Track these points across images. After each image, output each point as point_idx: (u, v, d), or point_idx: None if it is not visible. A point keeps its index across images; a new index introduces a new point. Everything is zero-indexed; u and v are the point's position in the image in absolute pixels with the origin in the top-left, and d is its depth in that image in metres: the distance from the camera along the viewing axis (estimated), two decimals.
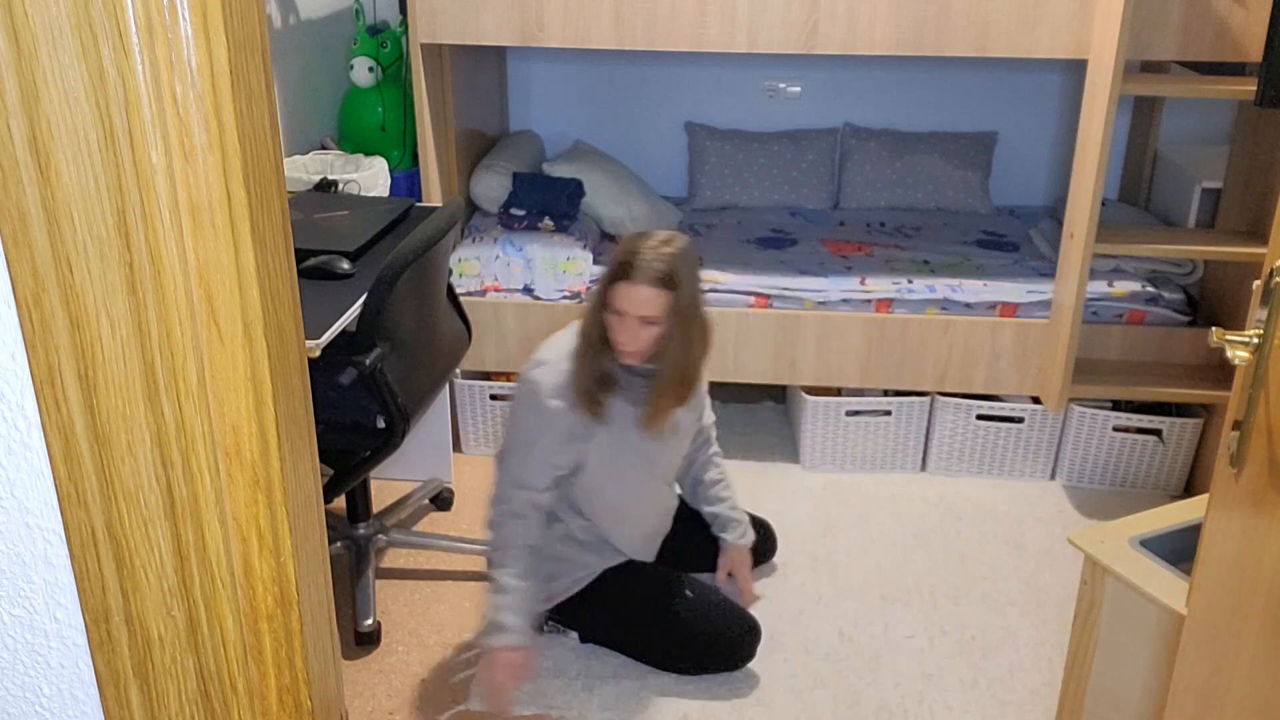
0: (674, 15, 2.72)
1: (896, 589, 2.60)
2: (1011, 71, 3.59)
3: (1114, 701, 1.78)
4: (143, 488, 0.98)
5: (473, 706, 2.23)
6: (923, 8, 2.65)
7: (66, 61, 0.85)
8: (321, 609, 1.14)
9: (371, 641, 2.41)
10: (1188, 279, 3.02)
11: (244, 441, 0.98)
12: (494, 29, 2.78)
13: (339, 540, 2.59)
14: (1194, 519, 1.81)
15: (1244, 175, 2.88)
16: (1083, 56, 2.66)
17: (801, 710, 2.22)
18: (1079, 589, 1.80)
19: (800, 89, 3.67)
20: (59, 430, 0.96)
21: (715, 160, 3.61)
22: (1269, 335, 1.22)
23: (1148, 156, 3.47)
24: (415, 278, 2.21)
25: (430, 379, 2.40)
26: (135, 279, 0.91)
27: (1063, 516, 2.92)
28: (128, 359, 0.93)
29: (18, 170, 0.88)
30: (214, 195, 0.90)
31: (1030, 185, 3.73)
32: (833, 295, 2.98)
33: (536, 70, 3.73)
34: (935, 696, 2.27)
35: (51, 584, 1.04)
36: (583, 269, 3.03)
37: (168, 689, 1.06)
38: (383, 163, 3.01)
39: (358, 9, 3.24)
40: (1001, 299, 2.95)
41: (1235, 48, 2.58)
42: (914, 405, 3.04)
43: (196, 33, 0.85)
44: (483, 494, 3.00)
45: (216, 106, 0.88)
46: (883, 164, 3.58)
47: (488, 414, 3.15)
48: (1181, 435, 2.96)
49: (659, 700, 2.25)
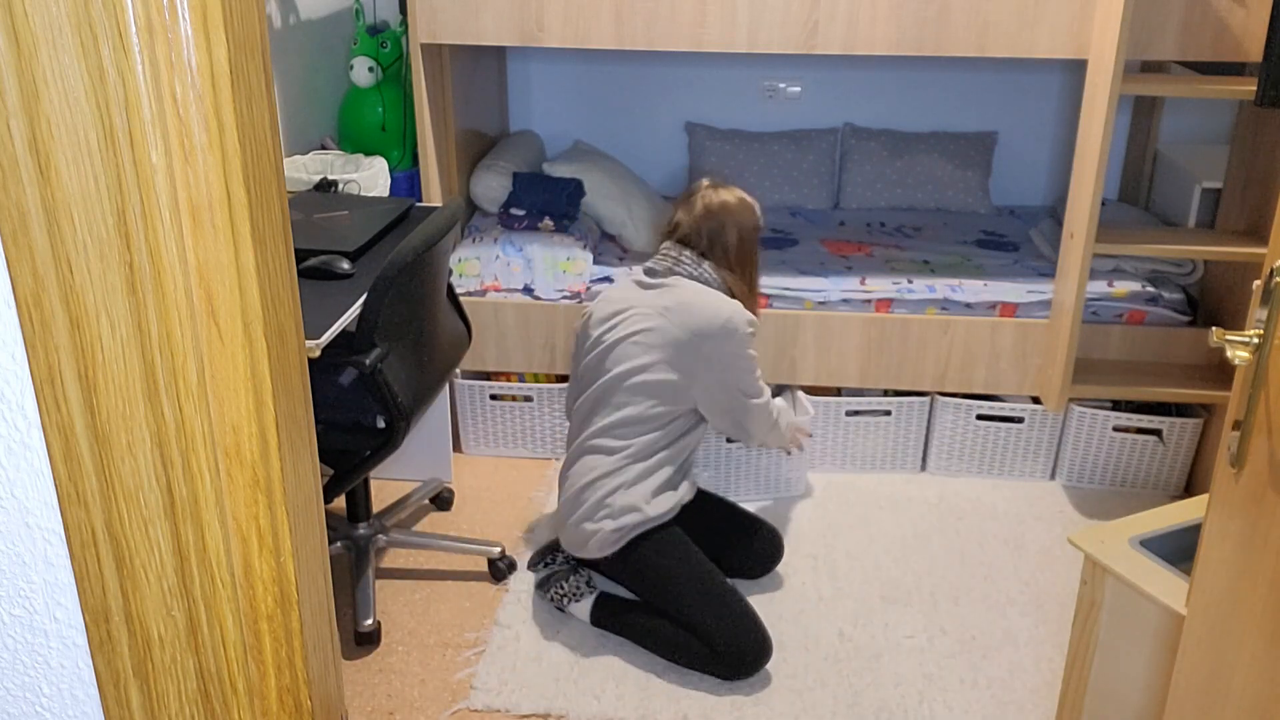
0: (674, 15, 2.72)
1: (896, 589, 2.61)
2: (1011, 71, 3.59)
3: (1114, 701, 1.78)
4: (143, 488, 0.98)
5: (473, 706, 2.23)
6: (923, 8, 2.65)
7: (66, 61, 0.85)
8: (321, 609, 1.14)
9: (371, 641, 2.41)
10: (1188, 279, 3.02)
11: (244, 441, 0.98)
12: (494, 29, 2.78)
13: (339, 540, 2.59)
14: (1194, 519, 1.81)
15: (1244, 175, 2.88)
16: (1083, 56, 2.66)
17: (801, 710, 2.22)
18: (1079, 589, 1.80)
19: (800, 89, 3.67)
20: (59, 430, 0.96)
21: (715, 160, 3.61)
22: (1269, 335, 1.22)
23: (1148, 156, 3.47)
24: (415, 278, 2.21)
25: (430, 379, 2.40)
26: (135, 279, 0.91)
27: (1063, 516, 2.92)
28: (128, 359, 0.93)
29: (18, 170, 0.88)
30: (214, 195, 0.90)
31: (1030, 185, 3.73)
32: (833, 295, 2.98)
33: (536, 70, 3.73)
34: (935, 696, 2.27)
35: (51, 584, 1.04)
36: (583, 269, 3.03)
37: (168, 689, 1.06)
38: (383, 163, 3.01)
39: (358, 9, 3.24)
40: (1001, 299, 2.95)
41: (1235, 48, 2.58)
42: (914, 405, 3.04)
43: (196, 33, 0.85)
44: (482, 494, 3.01)
45: (216, 106, 0.88)
46: (883, 164, 3.58)
47: (488, 414, 3.15)
48: (1181, 435, 2.96)
49: (659, 700, 2.25)
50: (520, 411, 3.14)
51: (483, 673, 2.31)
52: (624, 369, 2.37)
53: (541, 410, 3.12)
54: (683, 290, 2.39)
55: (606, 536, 2.35)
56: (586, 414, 2.44)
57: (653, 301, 2.40)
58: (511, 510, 2.93)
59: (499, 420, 3.15)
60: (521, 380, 3.16)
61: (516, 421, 3.15)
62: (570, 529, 2.42)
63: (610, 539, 2.35)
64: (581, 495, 2.39)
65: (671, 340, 2.35)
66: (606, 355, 2.41)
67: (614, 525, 2.34)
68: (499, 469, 3.13)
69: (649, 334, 2.36)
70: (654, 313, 2.38)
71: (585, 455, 2.41)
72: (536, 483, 3.05)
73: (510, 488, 3.04)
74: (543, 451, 3.17)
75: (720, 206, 2.45)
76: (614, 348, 2.40)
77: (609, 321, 2.44)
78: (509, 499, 2.98)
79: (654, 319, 2.37)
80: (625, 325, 2.40)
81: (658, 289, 2.42)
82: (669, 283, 2.42)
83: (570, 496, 2.42)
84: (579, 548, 2.41)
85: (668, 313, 2.36)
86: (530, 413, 3.13)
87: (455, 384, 3.12)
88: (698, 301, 2.36)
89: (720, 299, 2.39)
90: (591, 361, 2.44)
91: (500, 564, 2.61)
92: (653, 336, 2.36)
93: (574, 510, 2.40)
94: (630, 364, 2.37)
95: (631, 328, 2.39)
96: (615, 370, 2.38)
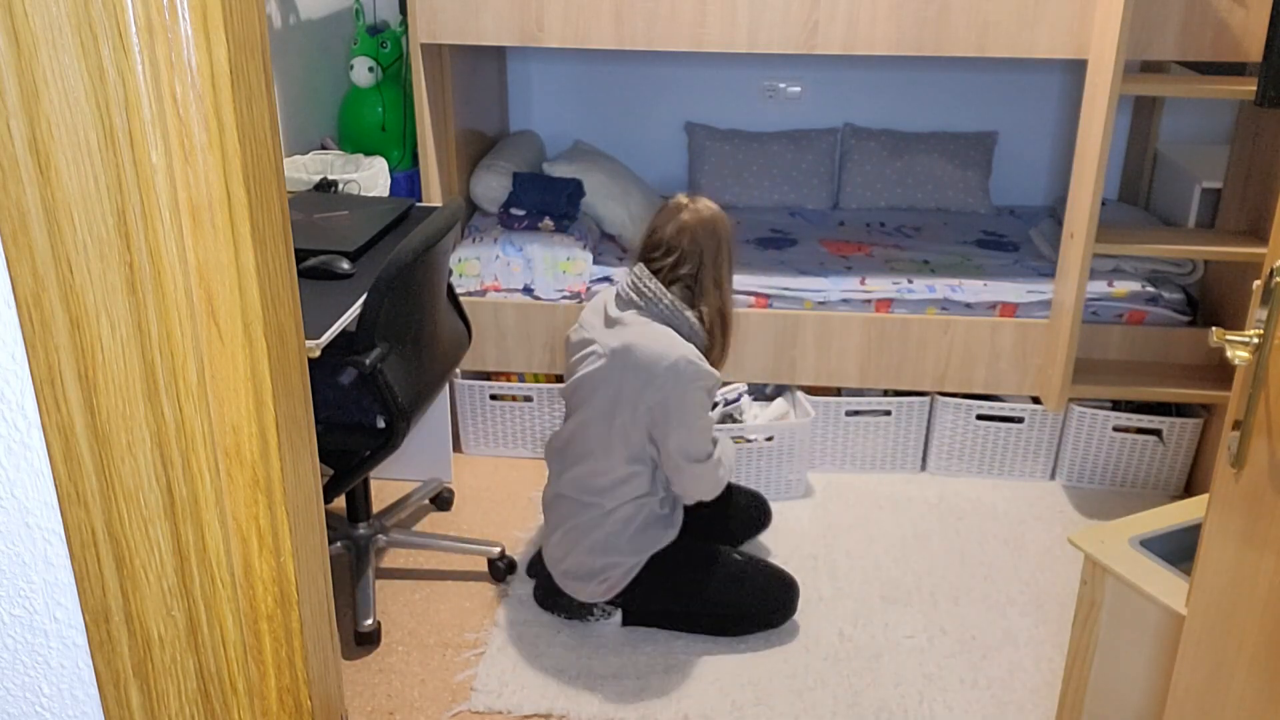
0: (674, 15, 2.72)
1: (896, 589, 2.61)
2: (1011, 71, 3.59)
3: (1114, 701, 1.78)
4: (143, 488, 0.98)
5: (474, 707, 2.23)
6: (923, 8, 2.65)
7: (66, 61, 0.85)
8: (321, 609, 1.14)
9: (371, 641, 2.41)
10: (1188, 279, 3.02)
11: (244, 441, 0.98)
12: (494, 29, 2.78)
13: (339, 540, 2.59)
14: (1194, 519, 1.81)
15: (1244, 175, 2.88)
16: (1083, 56, 2.66)
17: (802, 710, 2.22)
18: (1079, 589, 1.80)
19: (800, 89, 3.67)
20: (59, 430, 0.96)
21: (715, 160, 3.61)
22: (1269, 335, 1.22)
23: (1148, 156, 3.47)
24: (415, 278, 2.21)
25: (430, 379, 2.40)
26: (135, 279, 0.91)
27: (1063, 516, 2.92)
28: (128, 359, 0.93)
29: (18, 170, 0.88)
30: (214, 195, 0.90)
31: (1030, 185, 3.73)
32: (832, 295, 2.98)
33: (536, 70, 3.73)
34: (935, 696, 2.27)
35: (51, 584, 1.04)
36: (583, 269, 3.03)
37: (168, 689, 1.06)
38: (383, 163, 3.01)
39: (358, 9, 3.24)
40: (1001, 299, 2.95)
41: (1235, 48, 2.58)
42: (914, 405, 3.04)
43: (196, 33, 0.85)
44: (482, 494, 3.01)
45: (216, 106, 0.88)
46: (883, 164, 3.58)
47: (488, 414, 3.15)
48: (1181, 435, 2.96)
49: (659, 700, 2.25)
50: (520, 411, 3.14)
51: (483, 674, 2.31)
52: (588, 417, 2.30)
53: (541, 410, 3.12)
54: (632, 329, 2.26)
55: (615, 582, 2.37)
56: (563, 445, 2.39)
57: (607, 341, 2.29)
58: (511, 510, 2.93)
59: (499, 420, 3.15)
60: (521, 380, 3.16)
61: (516, 421, 3.15)
62: (566, 577, 2.40)
63: (618, 582, 2.37)
64: (569, 539, 2.37)
65: (618, 384, 2.25)
66: (576, 389, 2.35)
67: (622, 570, 2.36)
68: (499, 469, 3.13)
69: (602, 378, 2.27)
70: (607, 354, 2.27)
71: (565, 499, 2.38)
72: (536, 483, 3.05)
73: (510, 488, 3.04)
74: (542, 451, 3.17)
75: (695, 221, 2.30)
76: (580, 385, 2.33)
77: (581, 351, 2.36)
78: (509, 499, 2.98)
79: (604, 360, 2.27)
80: (587, 363, 2.32)
81: (614, 326, 2.30)
82: (624, 318, 2.29)
83: (559, 539, 2.39)
84: (579, 592, 2.40)
85: (616, 355, 2.25)
86: (530, 413, 3.13)
87: (455, 384, 3.12)
88: (643, 342, 2.23)
89: (671, 340, 2.24)
90: (571, 386, 2.38)
91: (500, 564, 2.61)
92: (605, 381, 2.26)
93: (565, 554, 2.38)
94: (590, 412, 2.29)
95: (590, 367, 2.30)
96: (582, 416, 2.32)
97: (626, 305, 2.31)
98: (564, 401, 2.45)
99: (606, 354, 2.26)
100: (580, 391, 2.33)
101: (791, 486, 2.99)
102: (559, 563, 2.41)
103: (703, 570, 2.41)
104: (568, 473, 2.37)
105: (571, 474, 2.36)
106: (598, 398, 2.28)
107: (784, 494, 2.98)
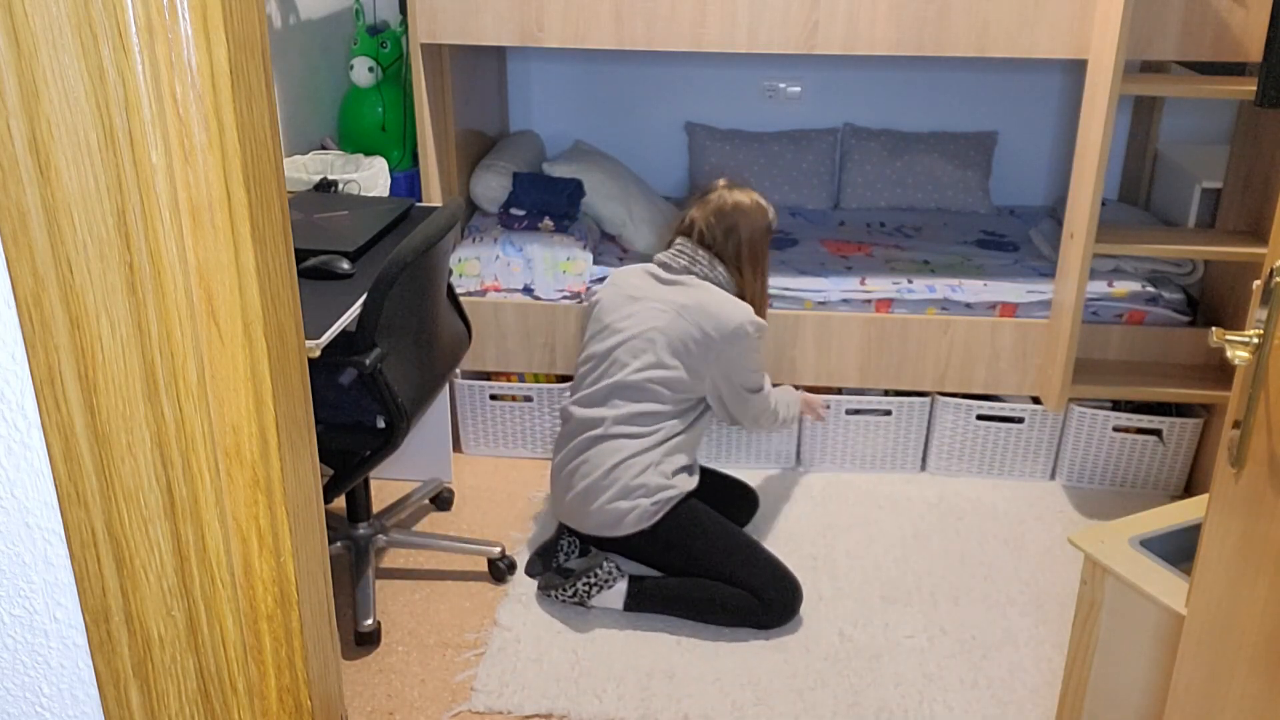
0: (674, 15, 2.72)
1: (896, 589, 2.61)
2: (1011, 71, 3.59)
3: (1114, 701, 1.78)
4: (143, 488, 0.98)
5: (474, 708, 2.23)
6: (923, 8, 2.65)
7: (66, 61, 0.85)
8: (321, 609, 1.14)
9: (371, 641, 2.41)
10: (1188, 279, 3.02)
11: (244, 441, 0.98)
12: (494, 29, 2.78)
13: (339, 540, 2.59)
14: (1194, 519, 1.81)
15: (1244, 175, 2.88)
16: (1083, 56, 2.66)
17: (802, 710, 2.22)
18: (1079, 589, 1.80)
19: (800, 89, 3.67)
20: (59, 430, 0.96)
21: (715, 160, 3.61)
22: (1269, 335, 1.22)
23: (1148, 156, 3.47)
24: (415, 278, 2.21)
25: (430, 379, 2.40)
26: (135, 279, 0.91)
27: (1063, 516, 2.92)
28: (128, 359, 0.93)
29: (18, 170, 0.88)
30: (214, 195, 0.90)
31: (1030, 185, 3.73)
32: (833, 295, 2.98)
33: (536, 70, 3.73)
34: (935, 696, 2.27)
35: (51, 584, 1.04)
36: (583, 269, 3.03)
37: (168, 689, 1.06)
38: (383, 163, 3.01)
39: (358, 9, 3.24)
40: (1001, 299, 2.95)
41: (1235, 48, 2.58)
42: (914, 405, 3.04)
43: (196, 33, 0.85)
44: (482, 494, 3.01)
45: (216, 106, 0.88)
46: (883, 164, 3.58)
47: (488, 414, 3.15)
48: (1181, 435, 2.96)
49: (659, 699, 2.25)
50: (520, 411, 3.14)
51: (483, 674, 2.31)
52: (642, 364, 2.46)
53: (541, 410, 3.12)
54: (699, 291, 2.48)
55: (645, 511, 2.44)
56: (604, 398, 2.50)
57: (669, 297, 2.49)
58: (511, 510, 2.93)
59: (499, 420, 3.15)
60: (521, 380, 3.16)
61: (516, 421, 3.15)
62: (599, 511, 2.46)
63: (649, 513, 2.44)
64: (610, 476, 2.45)
65: (686, 338, 2.45)
66: (623, 345, 2.49)
67: (651, 501, 2.44)
68: (499, 469, 3.13)
69: (664, 330, 2.46)
70: (670, 310, 2.47)
71: (609, 440, 2.48)
72: (536, 483, 3.05)
73: (510, 488, 3.04)
74: (543, 451, 3.17)
75: (734, 207, 2.54)
76: (631, 340, 2.48)
77: (625, 309, 2.52)
78: (509, 499, 2.98)
79: (669, 315, 2.46)
80: (641, 319, 2.48)
81: (673, 285, 2.51)
82: (685, 281, 2.50)
83: (595, 480, 2.46)
84: (609, 527, 2.47)
85: (685, 311, 2.46)
86: (530, 413, 3.13)
87: (455, 384, 3.12)
88: (713, 304, 2.46)
89: (734, 303, 2.48)
90: (607, 347, 2.51)
91: (500, 564, 2.61)
92: (668, 333, 2.45)
93: (602, 492, 2.46)
94: (647, 358, 2.46)
95: (648, 323, 2.47)
96: (633, 364, 2.47)
97: (681, 271, 2.52)
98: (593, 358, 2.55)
99: (674, 309, 2.47)
100: (633, 344, 2.48)
101: (781, 460, 3.10)
102: (588, 504, 2.47)
103: (724, 537, 2.49)
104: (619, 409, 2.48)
105: (623, 412, 2.47)
106: (661, 351, 2.46)
107: (773, 465, 3.09)
